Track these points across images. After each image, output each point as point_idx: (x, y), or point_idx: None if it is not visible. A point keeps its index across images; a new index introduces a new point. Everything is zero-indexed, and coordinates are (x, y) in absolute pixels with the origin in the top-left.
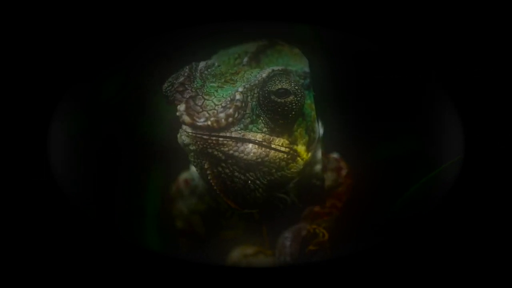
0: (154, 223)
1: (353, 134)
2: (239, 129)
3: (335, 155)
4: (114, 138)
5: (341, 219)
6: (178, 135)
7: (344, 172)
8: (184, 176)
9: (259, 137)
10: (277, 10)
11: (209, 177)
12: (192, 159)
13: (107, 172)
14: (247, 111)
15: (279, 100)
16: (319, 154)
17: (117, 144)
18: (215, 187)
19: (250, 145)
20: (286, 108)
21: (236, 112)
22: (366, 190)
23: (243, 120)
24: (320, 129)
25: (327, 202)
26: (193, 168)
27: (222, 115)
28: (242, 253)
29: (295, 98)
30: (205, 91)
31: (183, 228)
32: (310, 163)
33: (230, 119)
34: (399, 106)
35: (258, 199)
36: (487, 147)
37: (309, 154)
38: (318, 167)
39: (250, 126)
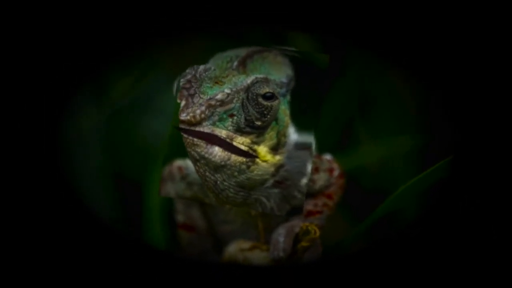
0: (156, 219)
1: (346, 134)
2: (209, 124)
3: (327, 157)
4: (119, 138)
5: (333, 217)
6: None
7: (336, 172)
8: (179, 162)
9: (223, 133)
10: (269, 14)
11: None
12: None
13: (111, 172)
14: (218, 110)
15: (265, 103)
16: (309, 168)
17: (120, 143)
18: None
19: (217, 148)
20: (271, 111)
21: (207, 109)
22: (358, 190)
23: (211, 117)
24: (294, 135)
25: (319, 201)
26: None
27: (198, 111)
28: (238, 248)
29: (279, 103)
30: (201, 90)
31: (183, 222)
32: (297, 174)
33: (203, 115)
34: (394, 107)
35: (234, 197)
36: (484, 147)
37: (277, 157)
38: (304, 181)
39: (217, 123)
